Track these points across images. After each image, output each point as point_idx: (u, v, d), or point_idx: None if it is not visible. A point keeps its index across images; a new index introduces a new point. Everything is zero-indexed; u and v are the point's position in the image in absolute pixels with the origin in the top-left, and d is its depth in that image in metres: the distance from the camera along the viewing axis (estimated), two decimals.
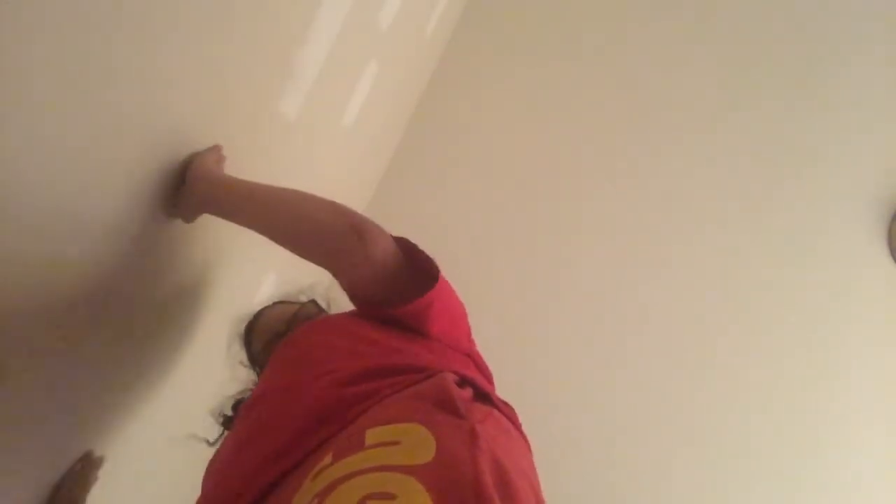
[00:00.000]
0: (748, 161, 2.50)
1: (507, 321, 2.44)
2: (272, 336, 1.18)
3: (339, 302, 1.32)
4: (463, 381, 0.78)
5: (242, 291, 1.58)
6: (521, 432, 0.79)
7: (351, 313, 0.99)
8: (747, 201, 2.48)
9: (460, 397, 0.69)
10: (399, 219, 2.51)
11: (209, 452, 0.93)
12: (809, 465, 2.36)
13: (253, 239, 0.99)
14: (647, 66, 2.58)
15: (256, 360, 1.23)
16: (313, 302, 1.27)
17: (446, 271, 1.00)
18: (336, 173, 1.95)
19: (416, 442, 0.61)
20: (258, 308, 1.28)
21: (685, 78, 2.55)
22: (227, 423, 1.20)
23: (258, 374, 1.23)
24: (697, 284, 2.46)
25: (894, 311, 2.41)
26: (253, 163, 1.27)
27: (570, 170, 2.55)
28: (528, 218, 2.53)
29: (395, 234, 0.94)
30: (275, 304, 1.29)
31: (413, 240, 0.94)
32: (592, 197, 2.54)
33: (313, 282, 1.32)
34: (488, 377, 0.95)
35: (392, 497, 0.54)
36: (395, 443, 0.62)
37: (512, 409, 0.82)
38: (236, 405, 1.21)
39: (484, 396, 0.78)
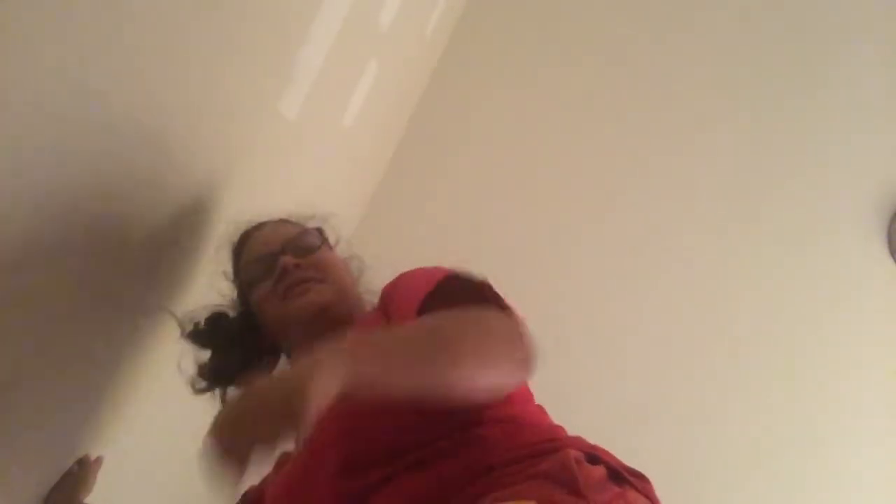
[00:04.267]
0: (747, 161, 2.49)
1: None
2: (264, 254, 1.09)
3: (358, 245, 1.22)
4: (594, 458, 0.77)
5: None
6: None
7: None
8: (747, 201, 2.48)
9: (586, 477, 0.70)
10: (399, 220, 2.53)
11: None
12: (808, 465, 2.36)
13: None
14: (647, 67, 2.57)
15: (240, 273, 1.14)
16: (319, 231, 1.17)
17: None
18: (336, 173, 1.95)
19: None
20: (260, 220, 1.17)
21: (684, 78, 2.55)
22: (195, 335, 1.11)
23: (238, 290, 1.14)
24: (696, 285, 2.46)
25: (894, 311, 2.41)
26: (253, 163, 1.27)
27: (571, 168, 2.55)
28: (529, 217, 2.53)
29: (396, 235, 0.92)
30: (280, 220, 1.17)
31: (413, 243, 0.94)
32: (592, 195, 2.53)
33: (331, 212, 1.21)
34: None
35: None
36: None
37: (646, 482, 0.81)
38: (211, 321, 1.12)
39: (616, 473, 0.77)
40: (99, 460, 1.14)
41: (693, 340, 2.43)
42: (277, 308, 1.06)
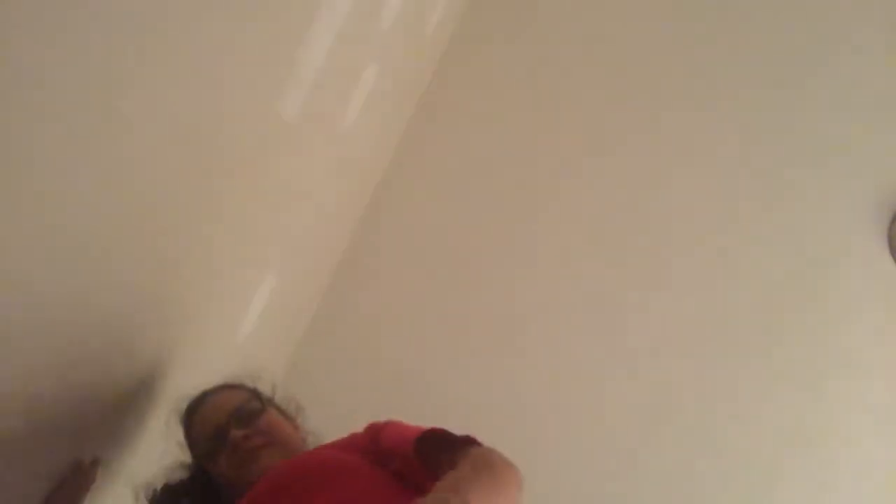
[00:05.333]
0: (748, 162, 2.49)
1: (505, 313, 2.45)
2: (213, 430, 1.19)
3: (288, 388, 1.35)
4: None
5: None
6: None
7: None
8: (748, 202, 2.48)
9: None
10: (400, 220, 2.52)
11: None
12: (809, 466, 2.36)
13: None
14: (648, 67, 2.56)
15: (194, 447, 1.23)
16: (255, 395, 1.27)
17: (443, 274, 1.00)
18: (336, 173, 1.95)
19: None
20: (201, 391, 1.26)
21: (685, 78, 2.54)
22: (155, 502, 1.20)
23: (194, 460, 1.23)
24: (697, 285, 2.46)
25: (894, 311, 2.41)
26: (253, 163, 1.26)
27: (572, 167, 2.55)
28: (529, 218, 2.52)
29: (400, 235, 0.95)
30: (219, 387, 1.27)
31: (411, 246, 0.99)
32: (593, 197, 2.53)
33: (262, 367, 1.34)
34: None
35: None
36: None
37: None
38: (166, 490, 1.21)
39: None
40: (97, 463, 1.14)
41: (692, 340, 2.43)
42: (235, 477, 1.17)
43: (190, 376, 1.40)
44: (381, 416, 1.18)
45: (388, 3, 1.62)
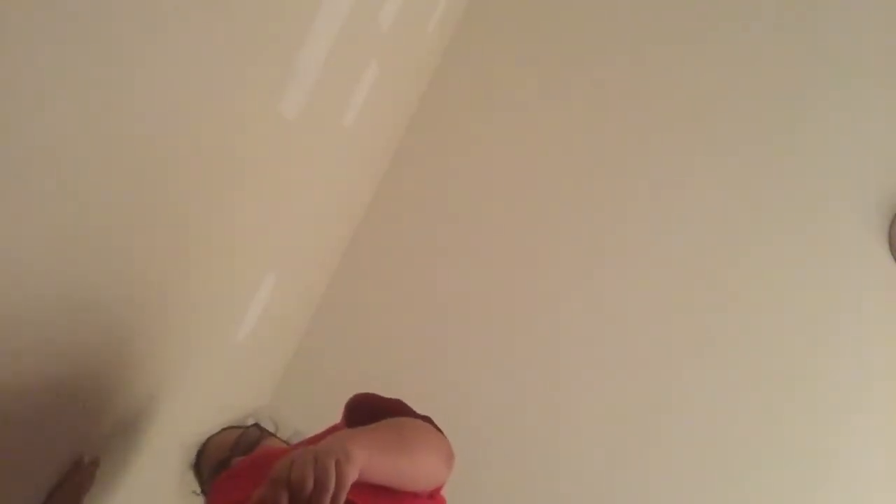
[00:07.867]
0: (748, 161, 2.49)
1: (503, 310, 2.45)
2: (216, 463, 1.25)
3: (288, 422, 1.41)
4: None
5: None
6: None
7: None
8: (747, 201, 2.48)
9: None
10: (402, 219, 2.52)
11: None
12: (807, 466, 2.36)
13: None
14: (650, 65, 2.56)
15: (205, 487, 1.29)
16: (256, 426, 1.34)
17: (445, 274, 1.00)
18: (336, 174, 1.95)
19: None
20: (206, 435, 1.34)
21: (684, 76, 2.54)
22: None
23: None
24: (696, 284, 2.46)
25: (894, 311, 2.41)
26: (253, 163, 1.26)
27: (574, 164, 2.55)
28: (531, 217, 2.52)
29: (401, 235, 0.96)
30: (222, 430, 1.35)
31: (413, 246, 1.03)
32: (594, 196, 2.53)
33: (260, 406, 1.39)
34: None
35: None
36: None
37: None
38: None
39: None
40: (96, 462, 1.14)
41: (692, 341, 2.43)
42: None
43: (190, 374, 1.40)
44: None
45: (389, 2, 1.62)
